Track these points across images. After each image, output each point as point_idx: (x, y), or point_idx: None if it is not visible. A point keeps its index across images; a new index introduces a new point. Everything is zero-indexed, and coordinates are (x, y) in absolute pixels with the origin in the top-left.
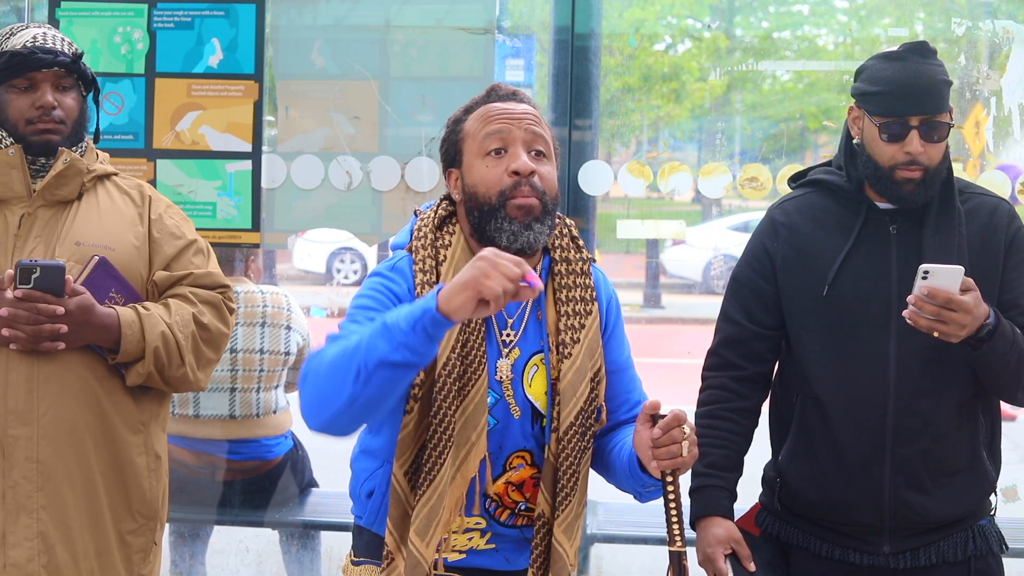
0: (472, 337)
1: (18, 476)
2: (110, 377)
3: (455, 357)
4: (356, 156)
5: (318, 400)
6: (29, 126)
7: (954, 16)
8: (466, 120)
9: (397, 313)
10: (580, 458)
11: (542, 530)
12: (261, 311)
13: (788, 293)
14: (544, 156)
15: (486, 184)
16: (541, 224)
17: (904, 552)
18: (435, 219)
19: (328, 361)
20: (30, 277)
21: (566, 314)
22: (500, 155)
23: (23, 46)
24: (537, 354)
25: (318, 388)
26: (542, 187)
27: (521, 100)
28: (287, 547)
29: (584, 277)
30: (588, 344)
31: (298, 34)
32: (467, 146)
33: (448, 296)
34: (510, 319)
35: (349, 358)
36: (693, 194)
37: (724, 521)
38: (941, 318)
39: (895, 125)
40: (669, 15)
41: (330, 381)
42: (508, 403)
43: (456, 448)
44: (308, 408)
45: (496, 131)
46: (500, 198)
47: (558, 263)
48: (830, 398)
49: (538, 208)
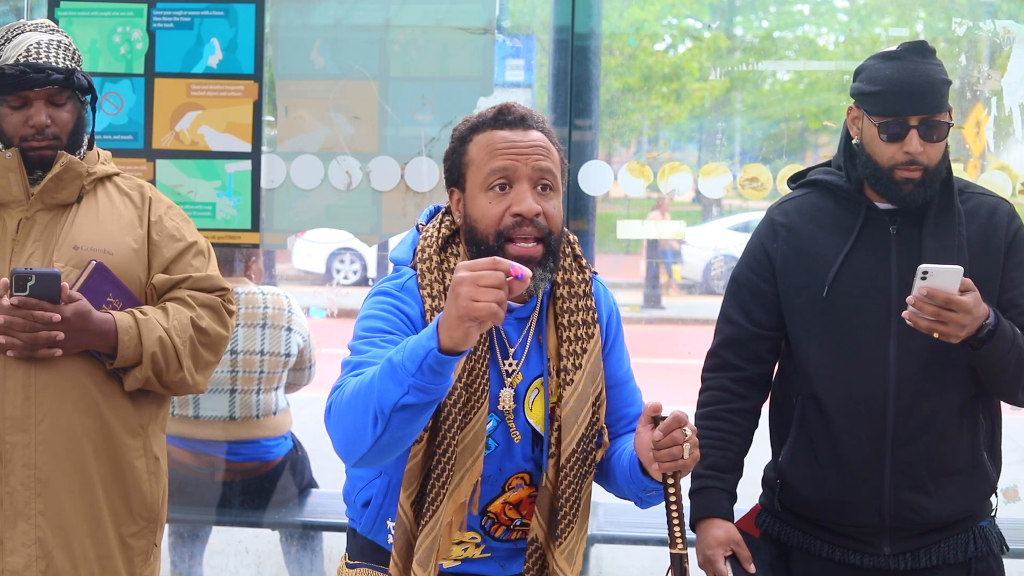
0: (477, 366)
1: (15, 483)
2: (108, 382)
3: (460, 387)
4: (356, 156)
5: (346, 442)
6: (24, 143)
7: (955, 16)
8: (471, 142)
9: (403, 350)
10: (581, 484)
11: (535, 554)
12: (262, 312)
13: (788, 294)
14: (551, 189)
15: (486, 221)
16: (543, 269)
17: (904, 553)
18: (439, 239)
19: (347, 401)
20: (26, 284)
21: (567, 339)
22: (504, 191)
23: (15, 62)
24: (539, 378)
25: (344, 430)
26: (547, 227)
27: (530, 126)
28: (287, 548)
29: (586, 299)
30: (590, 369)
31: (298, 34)
32: (471, 174)
33: (447, 333)
34: (512, 347)
35: (364, 401)
36: (693, 194)
37: (724, 522)
38: (941, 318)
39: (894, 125)
40: (669, 15)
41: (352, 425)
42: (509, 427)
43: (452, 474)
44: (339, 449)
45: (502, 168)
46: (498, 239)
47: (560, 286)
48: (830, 399)
49: (539, 253)
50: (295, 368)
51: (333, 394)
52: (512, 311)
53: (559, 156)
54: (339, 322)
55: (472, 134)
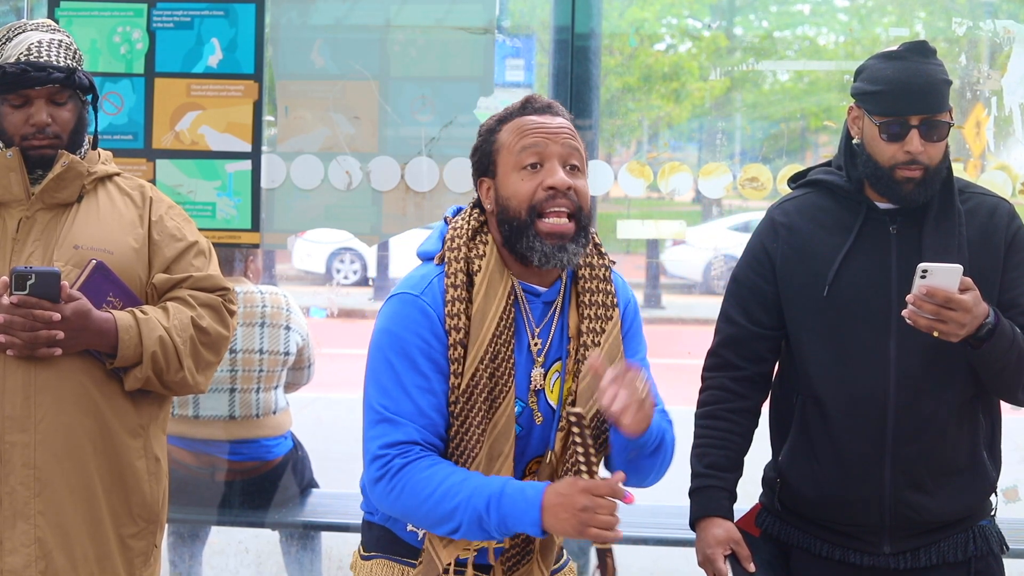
0: (502, 350)
1: (15, 482)
2: (108, 381)
3: (484, 372)
4: (356, 156)
5: (401, 516)
6: (24, 141)
7: (955, 16)
8: (500, 131)
9: (497, 511)
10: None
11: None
12: (260, 311)
13: (788, 293)
14: (579, 170)
15: (518, 198)
16: (576, 244)
17: (904, 552)
18: (468, 230)
19: (413, 507)
20: (25, 283)
21: (588, 317)
22: (536, 169)
23: (16, 60)
24: (558, 360)
25: (404, 512)
26: (578, 201)
27: (557, 113)
28: (287, 548)
29: (605, 283)
30: (608, 348)
31: (298, 34)
32: (502, 158)
33: (555, 528)
34: (537, 328)
35: (442, 518)
36: (693, 194)
37: (724, 521)
38: (940, 317)
39: (895, 124)
40: (669, 15)
41: (420, 519)
42: (532, 410)
43: (488, 461)
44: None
45: (532, 144)
46: (530, 213)
47: (582, 267)
48: (830, 398)
49: (571, 230)
50: (294, 367)
51: (390, 464)
52: (539, 295)
53: (583, 146)
54: (339, 322)
55: (501, 124)
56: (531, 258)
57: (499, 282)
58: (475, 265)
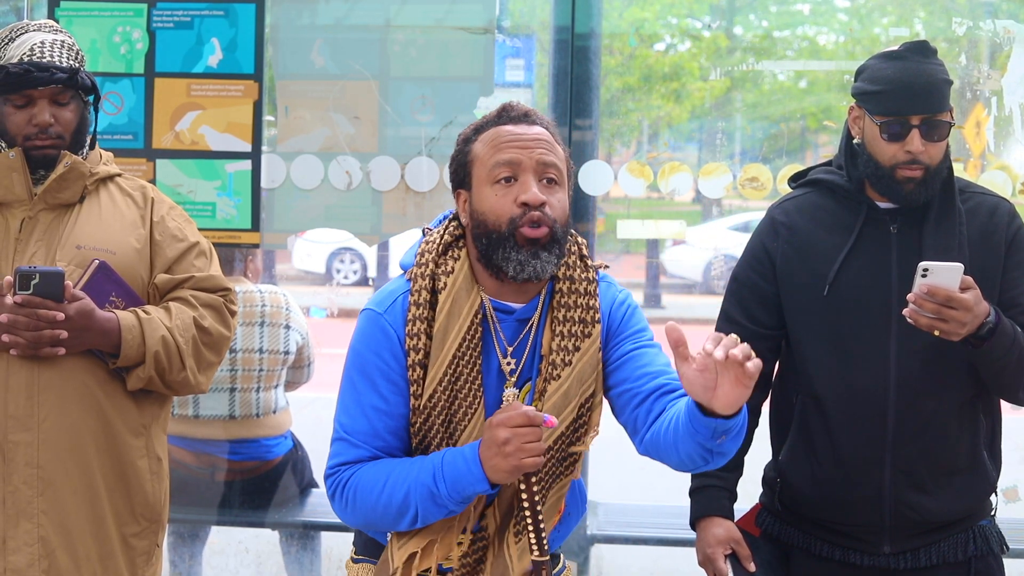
0: (464, 371)
1: (18, 481)
2: (111, 381)
3: (443, 393)
4: (356, 156)
5: (367, 525)
6: (27, 142)
7: (955, 16)
8: (476, 141)
9: (443, 480)
10: (552, 483)
11: (479, 543)
12: (260, 311)
13: (788, 293)
14: (555, 183)
15: (495, 213)
16: (548, 253)
17: (904, 552)
18: (440, 244)
19: (369, 506)
20: (29, 283)
21: (560, 335)
22: (510, 183)
23: (19, 61)
24: (529, 380)
25: (365, 519)
26: (552, 216)
27: (533, 122)
28: (287, 547)
29: (588, 298)
30: (580, 368)
31: (298, 34)
32: (476, 171)
33: (497, 477)
34: (510, 347)
35: (398, 510)
36: (693, 194)
37: (724, 521)
38: (941, 316)
39: (896, 124)
40: (669, 15)
41: (377, 520)
42: None
43: None
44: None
45: (506, 160)
46: (510, 226)
47: (560, 281)
48: (830, 398)
49: (545, 235)
50: (294, 366)
51: (339, 478)
52: (512, 312)
53: (564, 154)
54: (339, 322)
55: (477, 134)
56: (506, 269)
57: (465, 300)
58: (441, 282)
